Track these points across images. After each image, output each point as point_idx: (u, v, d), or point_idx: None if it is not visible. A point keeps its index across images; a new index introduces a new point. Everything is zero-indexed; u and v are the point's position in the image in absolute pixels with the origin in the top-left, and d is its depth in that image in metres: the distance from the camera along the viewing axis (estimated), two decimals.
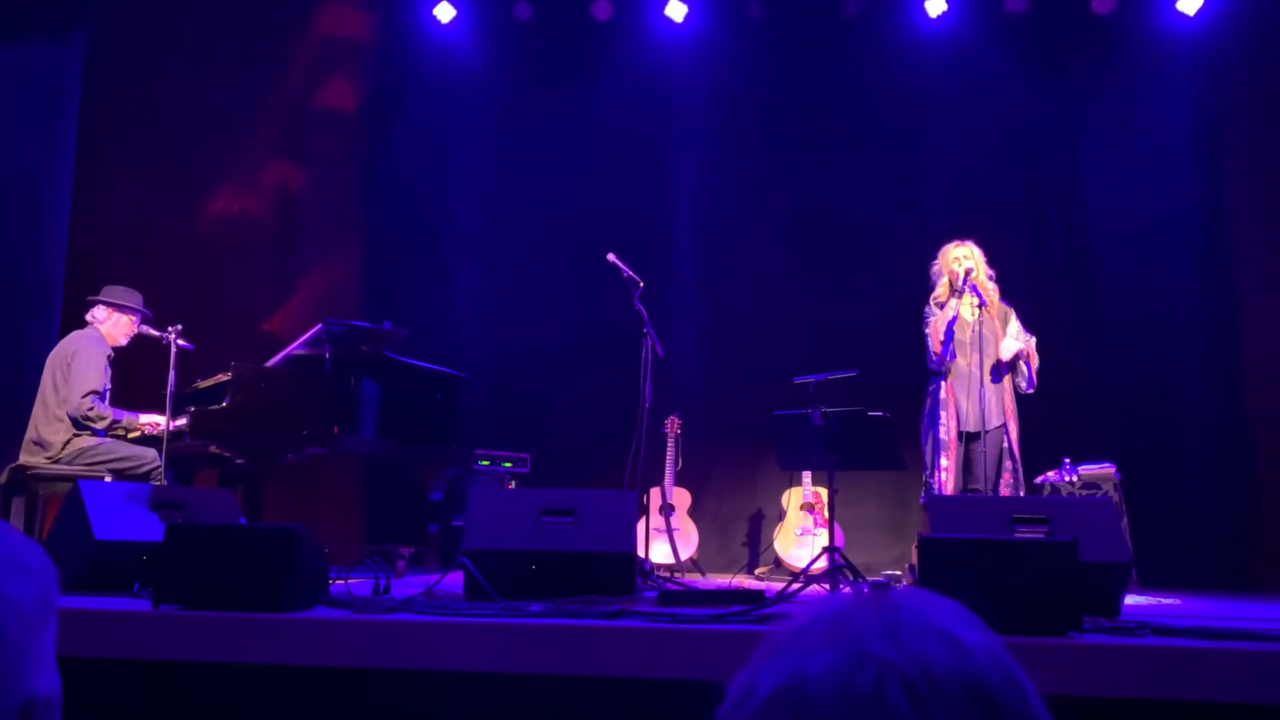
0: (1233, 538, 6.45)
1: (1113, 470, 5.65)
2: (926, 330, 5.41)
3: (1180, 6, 6.98)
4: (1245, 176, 6.89)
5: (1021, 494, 5.11)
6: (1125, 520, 5.46)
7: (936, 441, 5.31)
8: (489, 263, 7.70)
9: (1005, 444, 5.16)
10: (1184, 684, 2.58)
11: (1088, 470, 5.63)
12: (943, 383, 5.35)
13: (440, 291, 7.66)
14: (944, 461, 5.32)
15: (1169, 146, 6.99)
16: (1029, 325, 5.44)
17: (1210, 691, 2.56)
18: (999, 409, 5.23)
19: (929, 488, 5.34)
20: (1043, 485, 5.66)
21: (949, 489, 5.23)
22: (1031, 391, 5.29)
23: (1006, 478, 5.14)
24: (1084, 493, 5.52)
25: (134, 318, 5.52)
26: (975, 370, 5.22)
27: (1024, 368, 5.20)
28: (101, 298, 5.52)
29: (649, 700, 2.75)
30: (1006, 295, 5.47)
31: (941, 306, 5.40)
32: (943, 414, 5.32)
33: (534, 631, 2.87)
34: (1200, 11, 6.94)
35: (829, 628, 0.65)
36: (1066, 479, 5.59)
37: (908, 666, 0.61)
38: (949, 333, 5.31)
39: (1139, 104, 7.09)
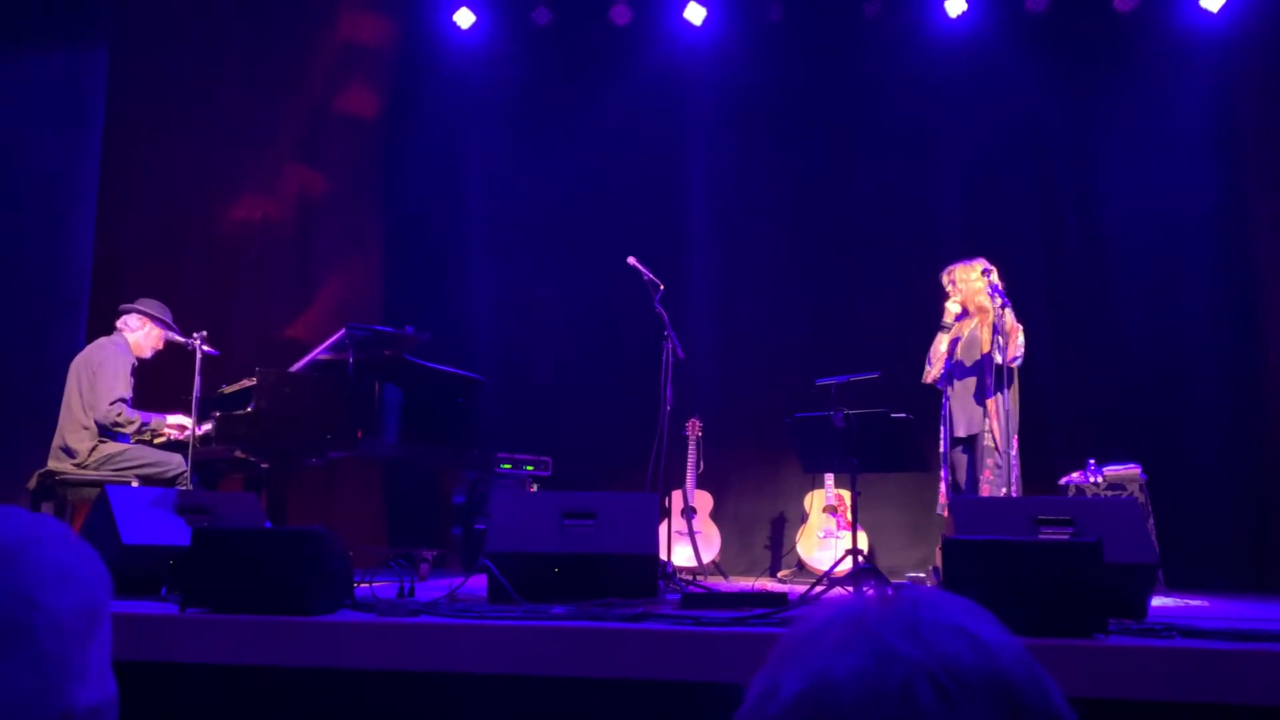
0: (1261, 538, 6.38)
1: (1138, 471, 5.60)
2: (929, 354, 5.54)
3: (1203, 3, 6.91)
4: (1266, 177, 6.81)
5: (1003, 492, 5.09)
6: (1151, 521, 5.41)
7: (941, 454, 5.39)
8: (509, 266, 7.73)
9: (990, 442, 5.15)
10: (1212, 686, 2.56)
11: (1113, 471, 5.58)
12: (946, 399, 5.43)
13: (461, 295, 7.69)
14: (945, 471, 5.40)
15: (1189, 146, 6.93)
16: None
17: (1239, 694, 2.53)
18: (992, 413, 5.24)
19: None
20: (1067, 486, 5.63)
21: (942, 499, 5.33)
22: (1013, 364, 5.25)
23: (987, 475, 5.15)
24: (1109, 493, 5.48)
25: (163, 332, 5.57)
26: (974, 377, 5.31)
27: (999, 340, 5.17)
28: (137, 307, 5.57)
29: (672, 703, 2.75)
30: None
31: (946, 329, 5.47)
32: (943, 428, 5.42)
33: (557, 634, 2.88)
34: (1224, 9, 6.88)
35: (848, 629, 0.64)
36: (1091, 480, 5.54)
37: (934, 665, 0.61)
38: (948, 361, 5.46)
39: (1159, 103, 7.03)
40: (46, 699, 0.77)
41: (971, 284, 5.42)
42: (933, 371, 5.50)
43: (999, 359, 5.10)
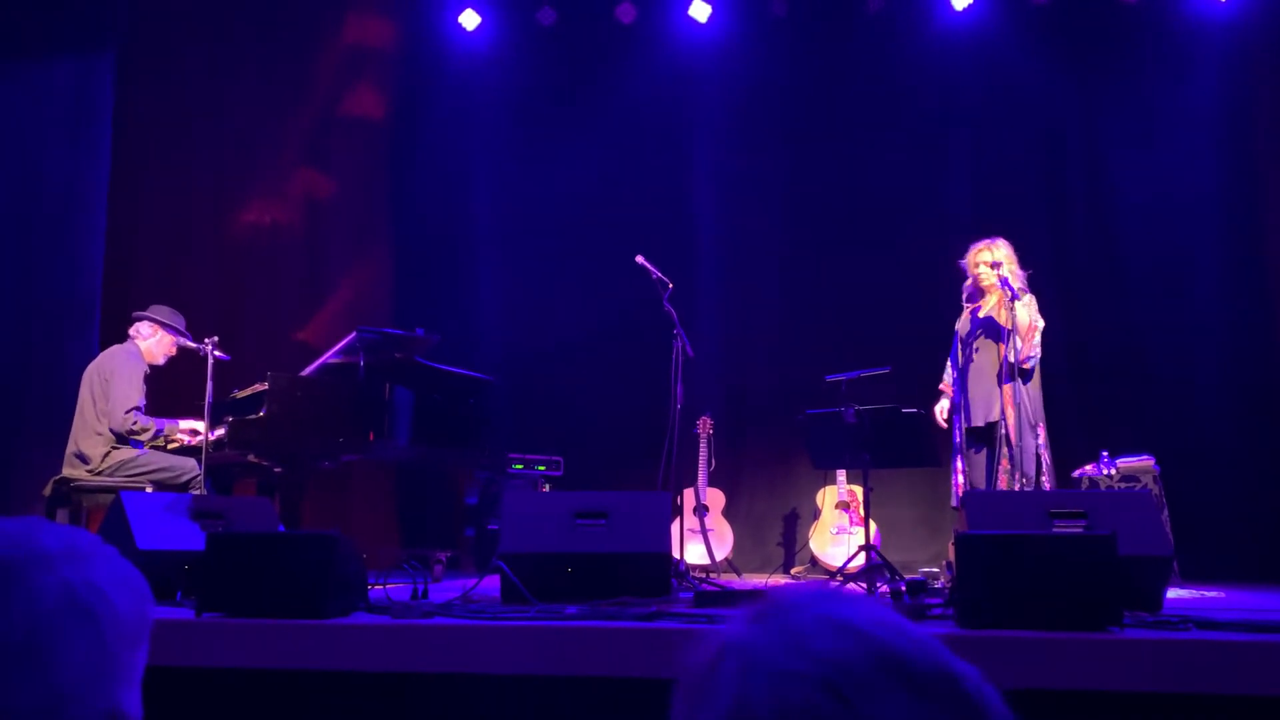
0: (1276, 528, 6.34)
1: (1151, 462, 5.57)
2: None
3: None
4: (1276, 166, 6.77)
5: (1019, 484, 5.01)
6: (1166, 513, 5.38)
7: (954, 445, 5.34)
8: (518, 267, 7.74)
9: (1003, 431, 5.09)
10: (1228, 678, 2.55)
11: (1126, 463, 5.56)
12: (957, 390, 5.36)
13: (471, 296, 7.70)
14: (958, 464, 5.33)
15: (1200, 136, 6.89)
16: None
17: (1255, 685, 2.53)
18: (1006, 400, 5.15)
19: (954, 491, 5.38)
20: (1080, 479, 5.60)
21: (959, 491, 5.25)
22: (1026, 365, 5.16)
23: (1005, 464, 5.08)
24: (1122, 486, 5.45)
25: (175, 338, 5.59)
26: (994, 364, 5.19)
27: (1015, 340, 5.08)
28: (149, 314, 5.59)
29: None
30: (1036, 286, 5.39)
31: (971, 311, 5.41)
32: (957, 417, 5.36)
33: (570, 634, 2.88)
34: None
35: (742, 657, 0.66)
36: (1104, 472, 5.52)
37: (825, 672, 0.63)
38: (956, 340, 5.40)
39: (1169, 93, 6.99)
40: (99, 692, 0.84)
41: (985, 265, 5.33)
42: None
43: (1011, 356, 5.05)
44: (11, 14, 6.76)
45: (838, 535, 6.41)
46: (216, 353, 5.18)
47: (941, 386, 5.55)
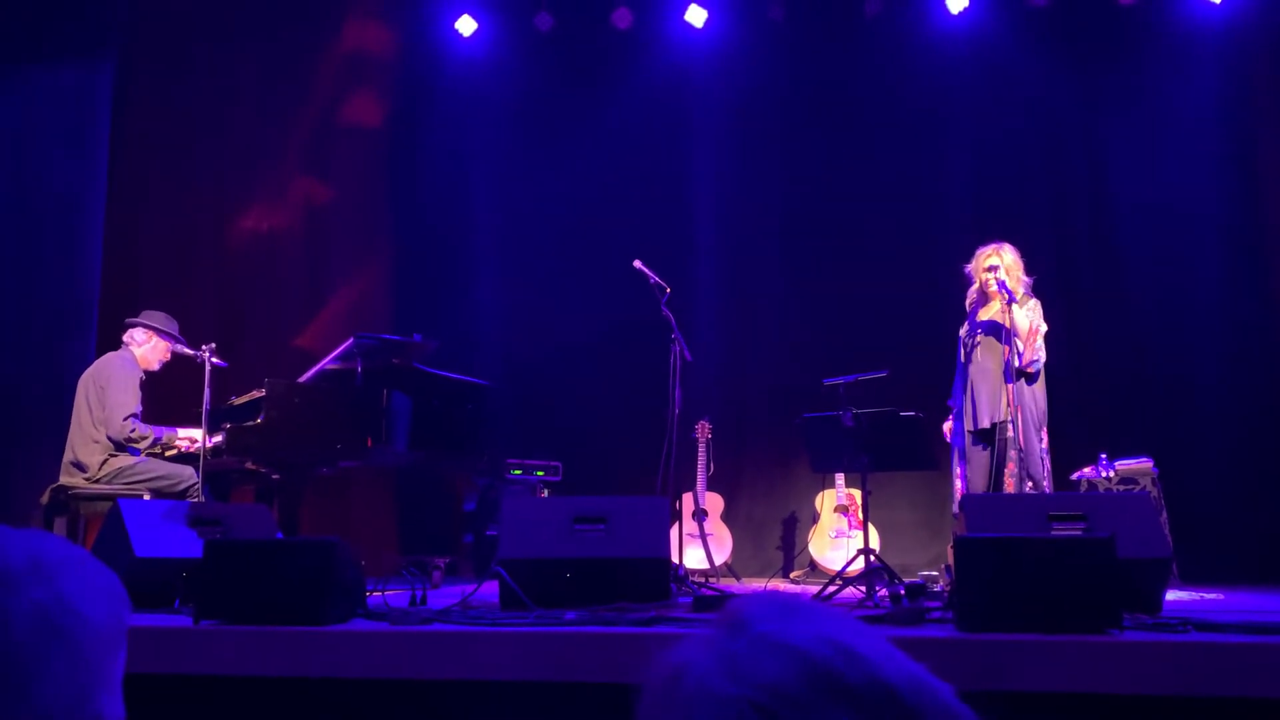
0: (1275, 530, 6.34)
1: (1150, 465, 5.58)
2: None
3: None
4: (1276, 166, 6.78)
5: (1028, 488, 4.99)
6: (1164, 515, 5.38)
7: (955, 449, 5.33)
8: (516, 272, 7.74)
9: (1011, 434, 5.06)
10: (1228, 680, 2.54)
11: (1124, 465, 5.56)
12: (960, 393, 5.35)
13: (469, 302, 7.70)
14: (960, 468, 5.32)
15: (1198, 137, 6.91)
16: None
17: (1255, 687, 2.52)
18: (1011, 401, 5.13)
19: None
20: (1079, 481, 5.60)
21: (960, 495, 5.23)
22: (1030, 370, 5.16)
23: (1011, 467, 5.05)
24: (1121, 488, 5.46)
25: (169, 344, 5.58)
26: (999, 365, 5.17)
27: (1017, 344, 5.07)
28: (142, 320, 5.58)
29: None
30: (1036, 290, 5.38)
31: (970, 312, 5.41)
32: (957, 423, 5.35)
33: (570, 639, 2.88)
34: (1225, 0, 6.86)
35: (689, 680, 0.68)
36: (1103, 474, 5.52)
37: (755, 696, 0.64)
38: (959, 340, 5.37)
39: (1167, 95, 7.01)
40: (83, 700, 0.83)
41: (1006, 262, 5.32)
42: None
43: (1014, 360, 5.03)
44: (12, 18, 6.75)
45: (837, 539, 6.41)
46: (214, 359, 5.16)
47: (950, 402, 5.53)
